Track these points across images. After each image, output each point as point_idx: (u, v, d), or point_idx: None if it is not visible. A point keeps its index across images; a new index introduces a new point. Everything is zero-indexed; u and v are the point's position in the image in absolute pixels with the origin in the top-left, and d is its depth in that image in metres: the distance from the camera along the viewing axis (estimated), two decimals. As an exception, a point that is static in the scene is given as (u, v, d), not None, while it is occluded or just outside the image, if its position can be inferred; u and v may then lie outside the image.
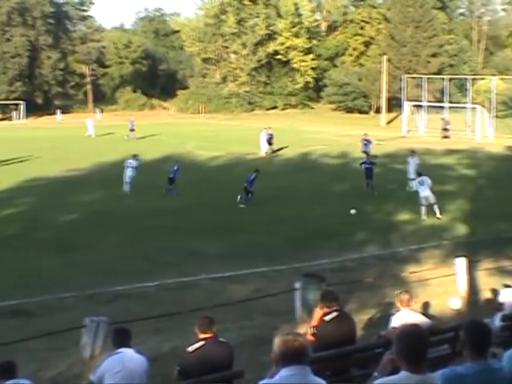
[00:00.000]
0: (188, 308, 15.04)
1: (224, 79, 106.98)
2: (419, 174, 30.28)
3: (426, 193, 29.01)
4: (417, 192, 29.51)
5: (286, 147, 53.13)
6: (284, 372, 5.45)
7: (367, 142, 46.95)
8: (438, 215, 28.71)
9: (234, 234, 25.76)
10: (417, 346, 5.38)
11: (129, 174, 35.18)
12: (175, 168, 35.03)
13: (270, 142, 52.04)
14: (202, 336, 8.93)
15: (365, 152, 45.95)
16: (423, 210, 28.87)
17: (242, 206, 31.28)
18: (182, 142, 57.91)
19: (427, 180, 29.55)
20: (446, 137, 64.75)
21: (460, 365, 5.92)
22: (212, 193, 34.10)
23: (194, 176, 36.19)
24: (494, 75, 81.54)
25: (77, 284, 18.98)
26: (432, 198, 28.93)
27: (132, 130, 61.95)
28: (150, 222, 27.54)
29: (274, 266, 21.06)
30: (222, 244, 24.05)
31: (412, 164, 36.32)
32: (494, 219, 28.06)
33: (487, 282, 18.23)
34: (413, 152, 38.17)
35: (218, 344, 8.99)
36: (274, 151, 51.90)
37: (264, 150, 51.14)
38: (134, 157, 36.55)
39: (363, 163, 36.07)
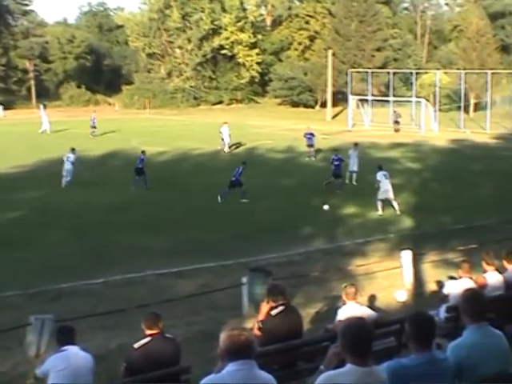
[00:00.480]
0: (134, 304, 14.92)
1: (169, 74, 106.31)
2: (380, 168, 30.25)
3: (388, 186, 29.04)
4: (378, 187, 29.06)
5: (238, 144, 52.80)
6: (230, 367, 5.43)
7: (311, 136, 46.59)
8: (398, 211, 28.82)
9: (181, 229, 25.66)
10: (361, 339, 5.40)
11: (67, 167, 35.34)
12: (142, 158, 35.61)
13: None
14: (149, 332, 8.88)
15: (310, 145, 46.11)
16: (380, 204, 28.86)
17: (244, 200, 31.13)
18: (127, 137, 57.31)
19: (388, 175, 29.68)
20: (397, 130, 65.26)
21: (405, 357, 5.97)
22: (158, 188, 33.90)
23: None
24: (438, 69, 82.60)
25: (21, 282, 18.73)
26: (391, 193, 29.05)
27: (93, 127, 60.81)
28: (96, 219, 27.33)
29: (221, 261, 21.02)
30: (169, 240, 23.98)
31: (353, 156, 36.59)
32: (439, 212, 28.44)
33: (432, 274, 18.45)
34: (356, 145, 38.40)
35: (164, 340, 8.95)
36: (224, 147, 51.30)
37: (227, 143, 50.56)
38: (72, 150, 36.54)
39: (332, 161, 34.83)
